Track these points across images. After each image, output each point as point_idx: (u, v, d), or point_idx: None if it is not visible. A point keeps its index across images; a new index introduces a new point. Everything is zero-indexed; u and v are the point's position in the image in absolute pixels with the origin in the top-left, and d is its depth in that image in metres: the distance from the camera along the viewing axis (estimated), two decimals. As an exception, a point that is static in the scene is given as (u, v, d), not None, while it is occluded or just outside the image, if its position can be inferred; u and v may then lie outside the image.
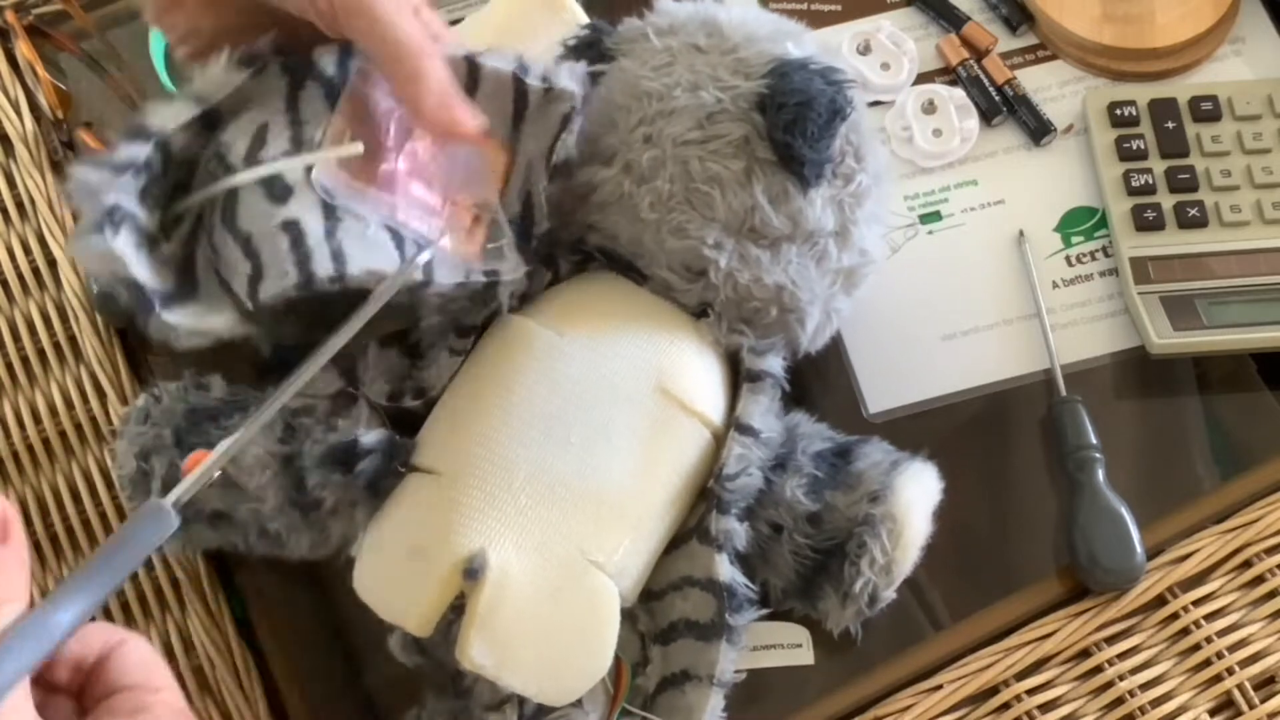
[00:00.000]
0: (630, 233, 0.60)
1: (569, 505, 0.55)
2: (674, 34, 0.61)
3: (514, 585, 0.54)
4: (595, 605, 0.55)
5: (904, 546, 0.58)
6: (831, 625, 0.60)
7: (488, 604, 0.54)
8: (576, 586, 0.55)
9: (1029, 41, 0.78)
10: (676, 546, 0.59)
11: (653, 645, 0.58)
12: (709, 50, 0.60)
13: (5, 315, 0.73)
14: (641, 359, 0.58)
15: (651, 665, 0.58)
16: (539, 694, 0.54)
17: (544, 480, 0.55)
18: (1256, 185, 0.72)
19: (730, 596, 0.56)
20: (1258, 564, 0.65)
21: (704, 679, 0.56)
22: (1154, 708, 0.62)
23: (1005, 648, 0.64)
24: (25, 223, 0.75)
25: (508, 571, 0.54)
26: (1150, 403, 0.70)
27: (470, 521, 0.55)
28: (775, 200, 0.59)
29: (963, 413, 0.69)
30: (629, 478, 0.56)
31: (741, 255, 0.59)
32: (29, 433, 0.70)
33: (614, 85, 0.61)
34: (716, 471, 0.58)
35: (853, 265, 0.62)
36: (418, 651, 0.57)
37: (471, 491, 0.55)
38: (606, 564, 0.55)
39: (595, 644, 0.55)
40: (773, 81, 0.58)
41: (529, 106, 0.58)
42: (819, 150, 0.58)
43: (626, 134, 0.60)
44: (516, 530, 0.54)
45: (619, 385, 0.57)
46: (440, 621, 0.55)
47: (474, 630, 0.53)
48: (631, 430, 0.57)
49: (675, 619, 0.58)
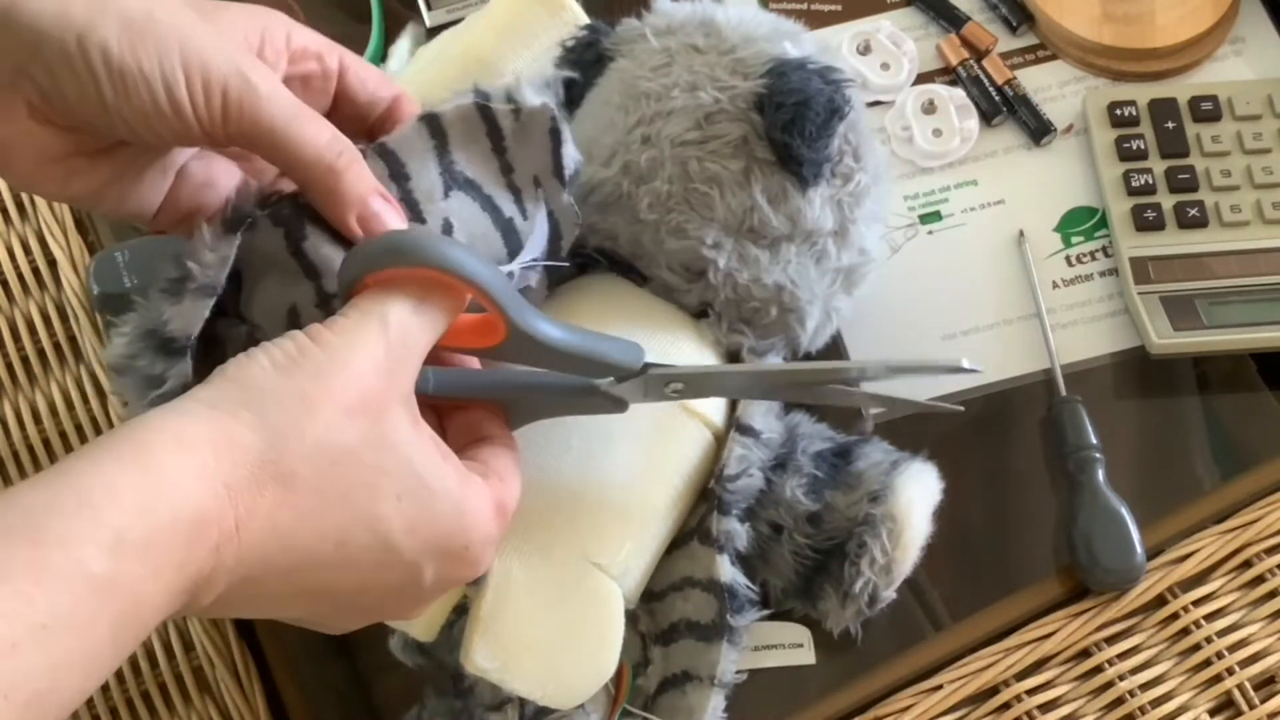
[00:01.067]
0: (629, 234, 0.60)
1: (571, 508, 0.55)
2: (672, 34, 0.61)
3: (517, 589, 0.54)
4: (599, 607, 0.55)
5: (904, 546, 0.58)
6: (831, 625, 0.60)
7: (491, 608, 0.53)
8: (580, 589, 0.55)
9: (1029, 41, 0.78)
10: (677, 547, 0.59)
11: (654, 646, 0.59)
12: (707, 50, 0.60)
13: (5, 315, 0.73)
14: None
15: (652, 666, 0.58)
16: (544, 697, 0.54)
17: (545, 484, 0.55)
18: (1256, 185, 0.72)
19: (731, 597, 0.56)
20: (1258, 564, 0.65)
21: (705, 680, 0.56)
22: (1154, 708, 0.62)
23: (1005, 648, 0.64)
24: (25, 223, 0.75)
25: (511, 575, 0.54)
26: (1150, 403, 0.70)
27: None
28: (774, 200, 0.59)
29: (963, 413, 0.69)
30: (631, 479, 0.56)
31: (741, 255, 0.59)
32: (29, 433, 0.70)
33: (612, 86, 0.61)
34: (717, 472, 0.58)
35: (852, 264, 0.62)
36: (419, 652, 0.57)
37: None
38: (610, 566, 0.55)
39: (600, 646, 0.55)
40: (771, 81, 0.58)
41: (504, 132, 0.54)
42: (817, 150, 0.58)
43: (624, 135, 0.60)
44: (519, 534, 0.54)
45: None
46: (444, 625, 0.55)
47: (478, 635, 0.53)
48: (632, 432, 0.57)
49: (676, 619, 0.58)
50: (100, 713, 0.65)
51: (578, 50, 0.63)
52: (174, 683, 0.65)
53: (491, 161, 0.54)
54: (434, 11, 0.77)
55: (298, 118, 0.50)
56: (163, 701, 0.65)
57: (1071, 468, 0.66)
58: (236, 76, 0.48)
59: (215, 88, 0.48)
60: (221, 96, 0.48)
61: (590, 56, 0.62)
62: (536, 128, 0.54)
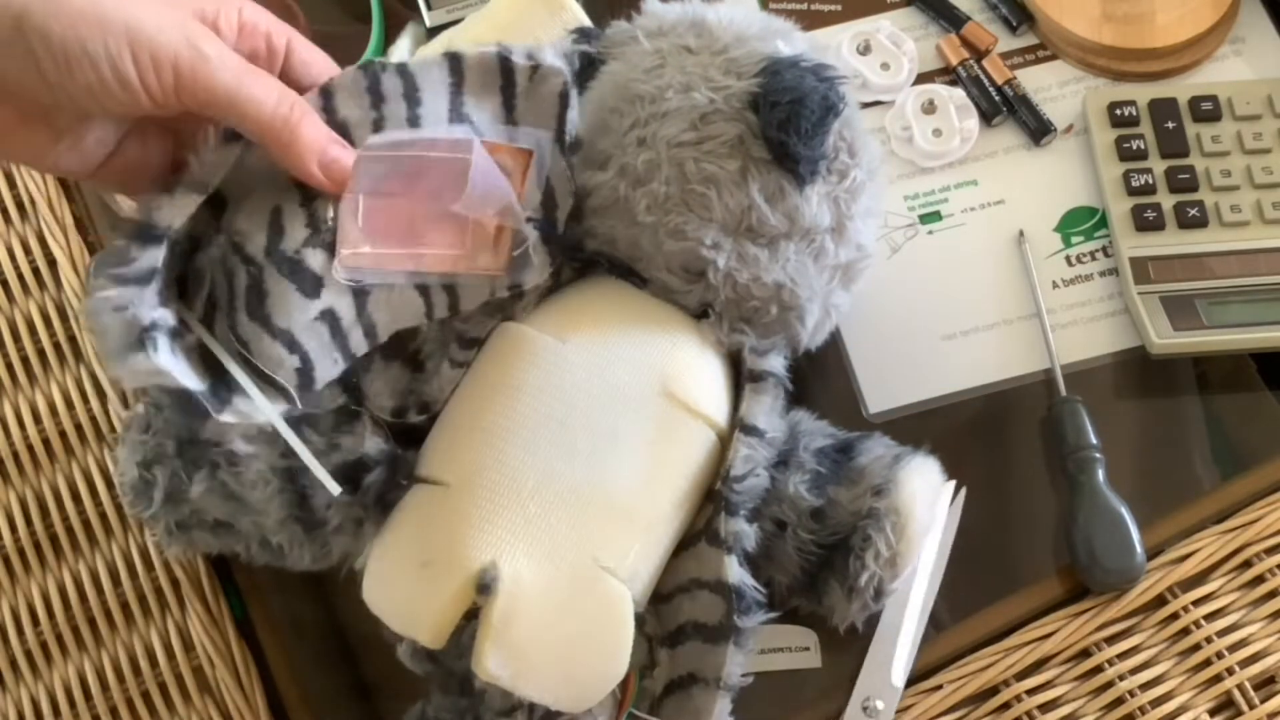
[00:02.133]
0: (628, 236, 0.60)
1: (578, 512, 0.55)
2: (663, 36, 0.61)
3: (527, 595, 0.54)
4: (609, 611, 0.55)
5: (908, 539, 0.58)
6: (837, 620, 0.60)
7: (502, 616, 0.53)
8: (589, 593, 0.55)
9: (1029, 41, 0.78)
10: (684, 549, 0.59)
11: (660, 648, 0.58)
12: (699, 51, 0.60)
13: (5, 315, 0.73)
14: (644, 363, 0.58)
15: (659, 668, 0.58)
16: (556, 702, 0.54)
17: (552, 488, 0.55)
18: (1256, 185, 0.72)
19: (739, 598, 0.56)
20: (1258, 564, 0.65)
21: (711, 682, 0.56)
22: (1154, 708, 0.62)
23: (1005, 648, 0.64)
24: (25, 223, 0.75)
25: (520, 582, 0.54)
26: (1150, 403, 0.70)
27: (480, 532, 0.54)
28: (771, 199, 0.59)
29: (963, 413, 0.69)
30: (637, 482, 0.56)
31: (740, 255, 0.59)
32: (29, 433, 0.70)
33: (605, 89, 0.61)
34: (724, 473, 0.58)
35: (850, 260, 0.62)
36: (427, 659, 0.57)
37: (480, 502, 0.55)
38: (618, 569, 0.55)
39: (611, 650, 0.55)
40: (764, 80, 0.58)
41: (517, 88, 0.58)
42: (813, 147, 0.58)
43: (620, 137, 0.60)
44: (527, 540, 0.54)
45: (623, 390, 0.57)
46: (453, 631, 0.55)
47: (489, 643, 0.53)
48: (637, 435, 0.57)
49: (683, 621, 0.58)
50: (100, 713, 0.65)
51: (567, 56, 0.63)
52: (174, 683, 0.65)
53: (500, 112, 0.58)
54: (434, 11, 0.77)
55: (247, 78, 0.52)
56: (163, 701, 0.65)
57: (1072, 468, 0.66)
58: (187, 46, 0.50)
59: (165, 60, 0.50)
60: (173, 68, 0.50)
61: (581, 61, 0.62)
62: (549, 89, 0.58)
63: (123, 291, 0.52)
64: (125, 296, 0.51)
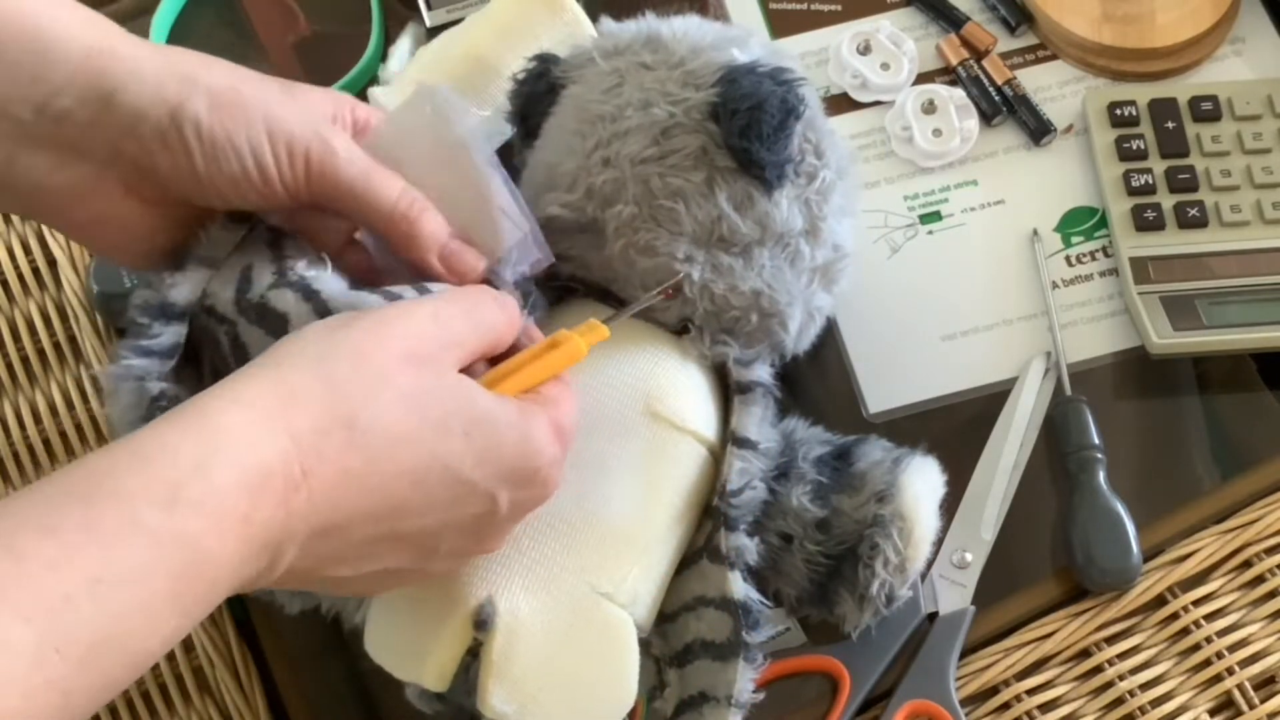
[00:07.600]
0: (600, 259, 0.60)
1: (571, 540, 0.55)
2: (620, 55, 0.61)
3: (526, 628, 0.53)
4: (611, 637, 0.55)
5: (916, 543, 0.58)
6: (850, 628, 0.60)
7: (502, 651, 0.53)
8: (590, 621, 0.54)
9: (1029, 41, 0.78)
10: (686, 567, 0.58)
11: (669, 669, 0.58)
12: (656, 66, 0.59)
13: (5, 315, 0.73)
14: (627, 384, 0.58)
15: (669, 689, 0.58)
16: None
17: (543, 518, 0.54)
18: (1256, 185, 0.72)
19: (746, 614, 0.56)
20: (1258, 564, 0.65)
21: (722, 700, 0.56)
22: (1154, 708, 0.62)
23: (1005, 648, 0.64)
24: (25, 223, 0.75)
25: (518, 615, 0.53)
26: (1150, 403, 0.70)
27: (474, 569, 0.54)
28: (740, 207, 0.58)
29: (963, 413, 0.69)
30: (630, 505, 0.56)
31: (714, 265, 0.59)
32: (29, 433, 0.70)
33: (567, 113, 0.61)
34: (720, 488, 0.57)
35: (827, 261, 0.61)
36: (436, 699, 0.57)
37: None
38: (617, 594, 0.55)
39: (616, 677, 0.55)
40: (722, 89, 0.58)
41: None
42: (777, 151, 0.58)
43: (584, 159, 0.59)
44: (521, 572, 0.54)
45: (607, 414, 0.57)
46: (458, 670, 0.54)
47: (492, 680, 0.53)
48: (626, 457, 0.56)
49: (690, 640, 0.57)
50: (100, 713, 0.65)
51: (529, 82, 0.63)
52: (174, 683, 0.65)
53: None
54: (434, 11, 0.77)
55: (373, 174, 0.54)
56: (163, 701, 0.65)
57: (1072, 467, 0.66)
58: (317, 140, 0.52)
59: (299, 152, 0.52)
60: (305, 160, 0.52)
61: (541, 87, 0.62)
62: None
63: (143, 364, 0.53)
64: (144, 368, 0.53)
